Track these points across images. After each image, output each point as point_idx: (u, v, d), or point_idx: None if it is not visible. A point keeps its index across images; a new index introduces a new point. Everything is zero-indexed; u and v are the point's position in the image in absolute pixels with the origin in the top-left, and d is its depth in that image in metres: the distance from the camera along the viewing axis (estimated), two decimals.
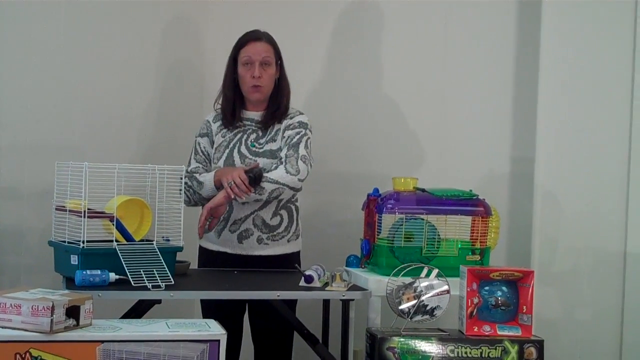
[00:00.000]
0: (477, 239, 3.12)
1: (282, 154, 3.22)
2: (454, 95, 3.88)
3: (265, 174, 3.16)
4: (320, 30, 4.02)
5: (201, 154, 3.35)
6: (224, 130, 3.34)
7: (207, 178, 3.24)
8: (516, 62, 3.80)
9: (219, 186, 3.20)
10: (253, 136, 3.31)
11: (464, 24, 3.86)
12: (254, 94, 3.30)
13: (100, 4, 3.61)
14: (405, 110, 3.94)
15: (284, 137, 3.27)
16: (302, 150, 3.22)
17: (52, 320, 2.18)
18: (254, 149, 3.29)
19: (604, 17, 3.50)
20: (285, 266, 3.28)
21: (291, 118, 3.32)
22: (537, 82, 3.55)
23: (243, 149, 3.29)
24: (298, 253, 3.39)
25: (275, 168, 3.19)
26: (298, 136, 3.25)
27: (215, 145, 3.34)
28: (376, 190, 3.22)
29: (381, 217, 3.08)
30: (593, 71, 3.51)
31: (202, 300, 3.33)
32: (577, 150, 3.52)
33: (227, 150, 3.30)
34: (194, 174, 3.28)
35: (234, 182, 3.10)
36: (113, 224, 2.78)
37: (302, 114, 3.35)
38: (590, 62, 3.51)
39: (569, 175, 3.53)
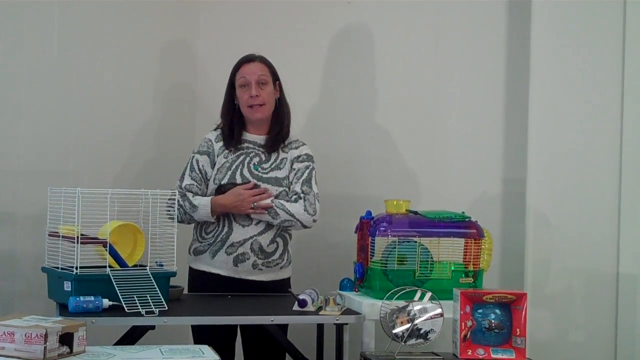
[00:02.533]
0: (470, 261, 3.13)
1: (297, 188, 3.27)
2: (445, 118, 3.90)
3: (283, 202, 3.21)
4: (312, 54, 4.04)
5: (198, 171, 3.33)
6: (226, 152, 3.34)
7: (202, 203, 3.23)
8: (507, 83, 3.82)
9: (220, 213, 3.24)
10: (256, 159, 3.32)
11: (454, 48, 3.89)
12: (255, 113, 3.31)
13: (92, 29, 3.62)
14: (397, 132, 3.95)
15: (294, 169, 3.32)
16: (314, 187, 3.29)
17: (45, 347, 2.17)
18: (256, 172, 3.29)
19: (593, 37, 3.53)
20: (277, 292, 3.29)
21: (296, 148, 3.36)
22: (528, 104, 3.57)
23: (245, 172, 3.29)
24: (289, 279, 3.40)
25: (295, 201, 3.24)
26: (308, 170, 3.32)
27: (217, 166, 3.32)
28: (369, 213, 3.23)
29: (374, 240, 3.09)
30: (583, 93, 3.54)
31: (193, 324, 3.32)
32: (568, 171, 3.54)
33: (229, 172, 3.29)
34: (187, 194, 3.26)
35: (256, 204, 3.21)
36: (106, 250, 2.78)
37: (304, 144, 3.40)
38: (581, 83, 3.54)
39: (561, 196, 3.54)
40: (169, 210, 2.97)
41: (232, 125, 3.35)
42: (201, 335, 3.21)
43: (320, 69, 4.03)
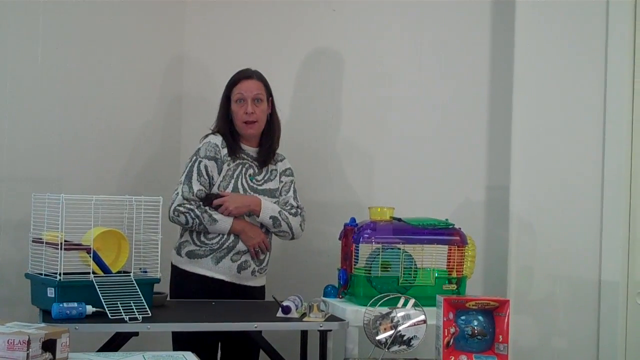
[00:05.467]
0: (453, 268, 3.14)
1: (293, 202, 3.43)
2: (428, 125, 3.90)
3: (287, 215, 3.36)
4: (297, 60, 4.06)
5: (206, 176, 3.35)
6: (229, 159, 3.40)
7: (224, 219, 3.29)
8: (490, 90, 3.83)
9: (235, 233, 3.33)
10: (251, 171, 3.42)
11: (437, 55, 3.90)
12: (248, 129, 3.41)
13: (78, 34, 3.61)
14: (381, 139, 3.96)
15: (281, 181, 3.47)
16: (300, 202, 3.49)
17: (28, 354, 2.16)
18: (252, 183, 3.39)
19: (577, 45, 3.54)
20: (258, 297, 3.41)
21: (281, 161, 3.52)
22: (511, 110, 3.59)
23: (244, 182, 3.39)
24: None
25: (295, 215, 3.40)
26: (293, 185, 3.49)
27: (222, 173, 3.37)
28: (353, 220, 3.24)
29: (358, 246, 3.10)
30: (566, 100, 3.55)
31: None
32: (551, 178, 3.54)
33: (232, 180, 3.37)
34: (202, 203, 3.31)
35: (260, 249, 3.37)
36: (90, 256, 2.78)
37: (285, 157, 3.54)
38: (564, 90, 3.55)
39: (544, 203, 3.55)
40: (179, 217, 3.21)
41: (230, 136, 3.42)
42: (181, 340, 3.20)
43: (305, 74, 4.04)
